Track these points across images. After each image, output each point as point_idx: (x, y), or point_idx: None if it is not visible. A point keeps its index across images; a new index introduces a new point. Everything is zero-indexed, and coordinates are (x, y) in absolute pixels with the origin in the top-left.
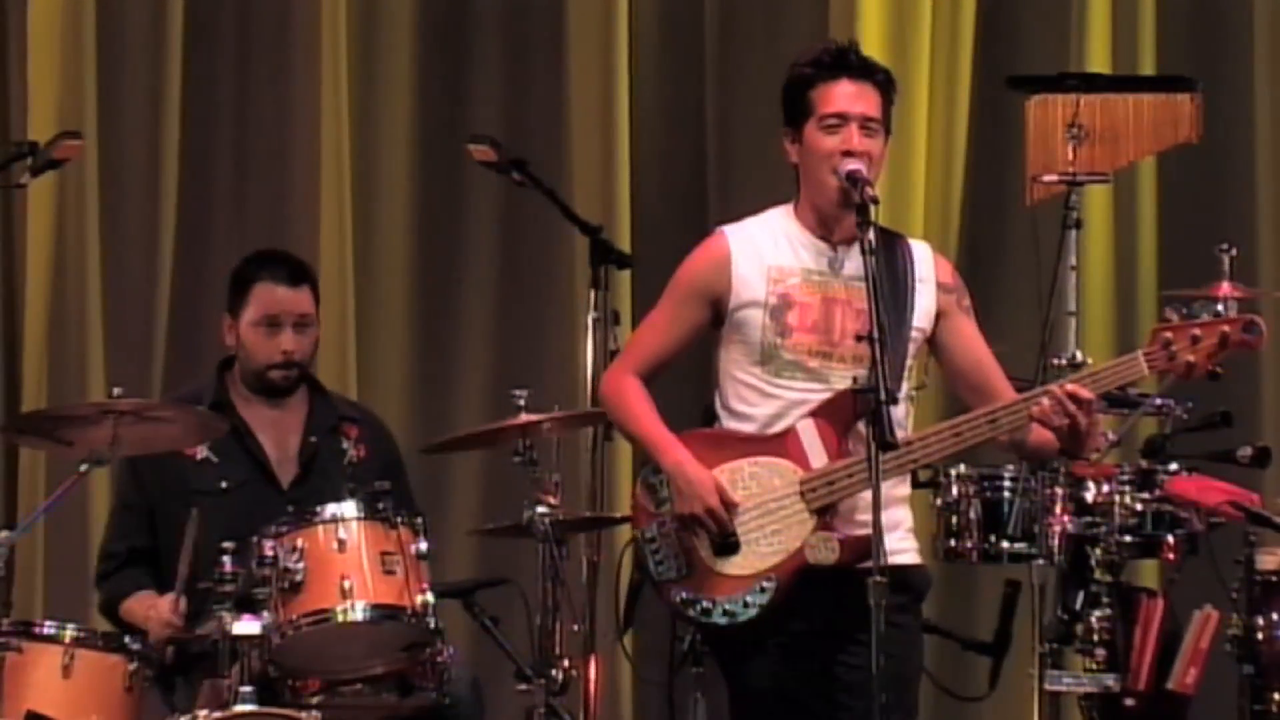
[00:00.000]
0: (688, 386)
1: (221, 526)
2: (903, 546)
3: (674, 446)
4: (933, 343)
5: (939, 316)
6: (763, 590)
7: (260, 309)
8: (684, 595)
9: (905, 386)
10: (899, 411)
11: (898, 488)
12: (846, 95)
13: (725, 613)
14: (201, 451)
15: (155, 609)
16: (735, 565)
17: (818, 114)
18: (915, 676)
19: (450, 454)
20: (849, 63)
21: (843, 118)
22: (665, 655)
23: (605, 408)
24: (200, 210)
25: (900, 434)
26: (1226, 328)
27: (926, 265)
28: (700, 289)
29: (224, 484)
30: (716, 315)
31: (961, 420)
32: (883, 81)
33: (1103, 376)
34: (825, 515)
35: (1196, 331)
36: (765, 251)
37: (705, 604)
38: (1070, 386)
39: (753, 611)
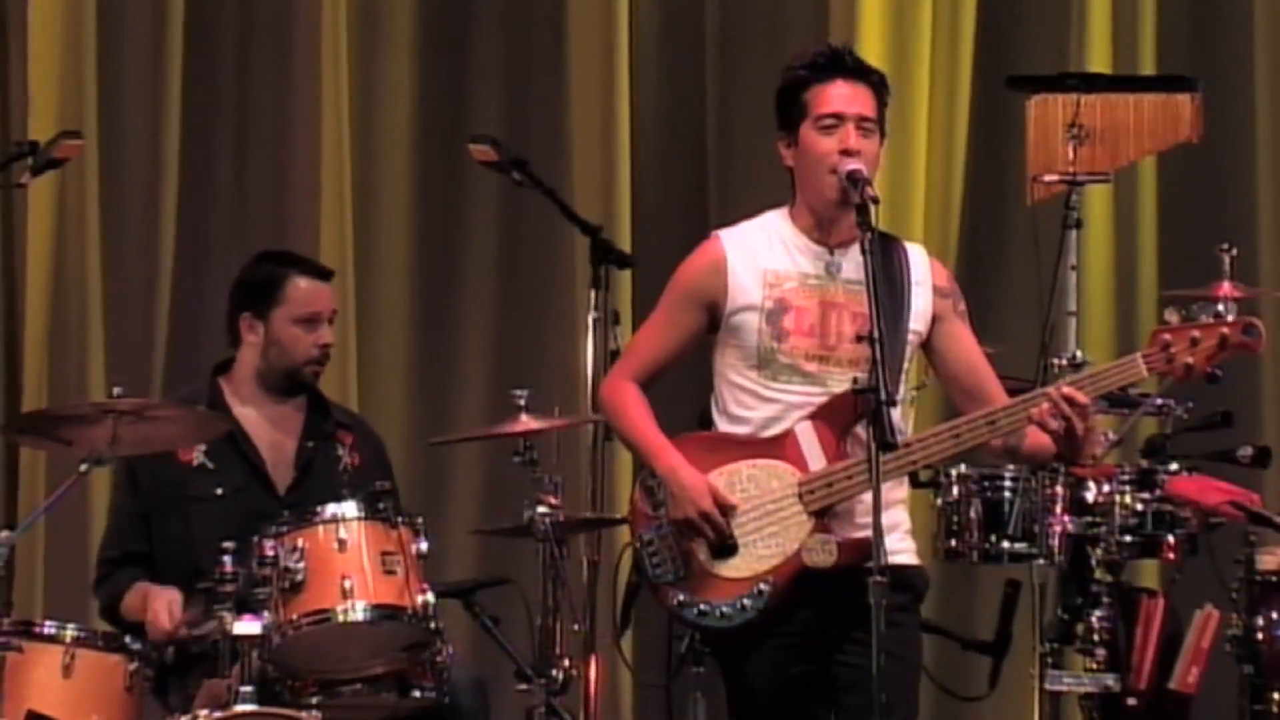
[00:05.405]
0: (686, 391)
1: (218, 533)
2: (901, 547)
3: (668, 451)
4: (928, 347)
5: (935, 321)
6: (759, 594)
7: (302, 306)
8: (681, 598)
9: (903, 389)
10: (897, 414)
11: (895, 490)
12: (842, 96)
13: (722, 615)
14: (197, 457)
15: (154, 611)
16: (732, 568)
17: (813, 115)
18: (915, 676)
19: (451, 451)
20: (843, 64)
21: (839, 118)
22: (664, 657)
23: (604, 414)
24: (200, 210)
25: (899, 436)
26: (1226, 330)
27: (922, 268)
28: (696, 294)
29: (219, 490)
30: (713, 320)
31: (961, 422)
32: (877, 83)
33: (1102, 378)
34: (823, 517)
35: (1196, 333)
36: (761, 255)
37: (702, 606)
38: (1066, 389)
39: (749, 615)
